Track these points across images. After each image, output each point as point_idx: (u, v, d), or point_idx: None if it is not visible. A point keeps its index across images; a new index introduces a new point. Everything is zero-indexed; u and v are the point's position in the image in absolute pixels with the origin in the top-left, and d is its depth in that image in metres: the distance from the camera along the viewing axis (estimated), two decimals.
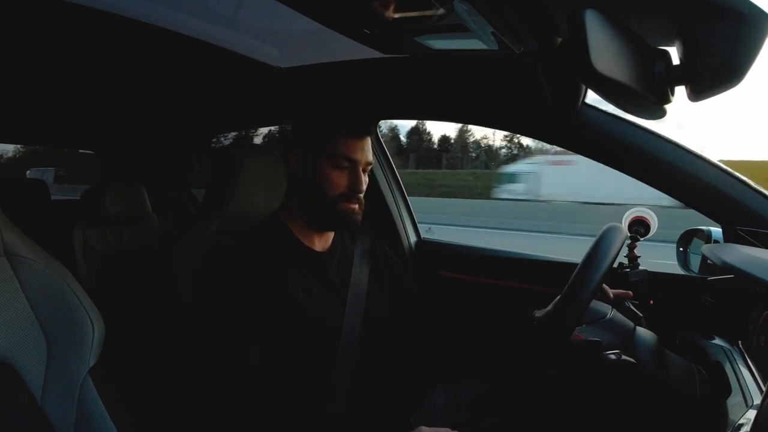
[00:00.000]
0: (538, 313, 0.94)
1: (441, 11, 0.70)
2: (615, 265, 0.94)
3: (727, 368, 0.80)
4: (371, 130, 0.90)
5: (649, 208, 1.11)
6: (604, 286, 0.98)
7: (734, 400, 0.70)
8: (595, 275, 0.79)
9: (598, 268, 0.79)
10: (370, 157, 0.89)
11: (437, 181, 15.58)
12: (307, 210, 0.89)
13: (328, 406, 0.82)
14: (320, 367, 0.83)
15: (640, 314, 1.01)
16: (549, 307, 0.93)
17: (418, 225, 1.68)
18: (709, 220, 1.00)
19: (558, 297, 0.88)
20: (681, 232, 1.17)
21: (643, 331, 0.90)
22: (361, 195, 0.87)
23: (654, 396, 0.80)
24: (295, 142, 0.90)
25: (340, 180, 0.85)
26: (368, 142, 0.88)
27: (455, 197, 13.00)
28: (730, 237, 0.96)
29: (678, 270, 1.15)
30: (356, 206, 0.87)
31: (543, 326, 0.89)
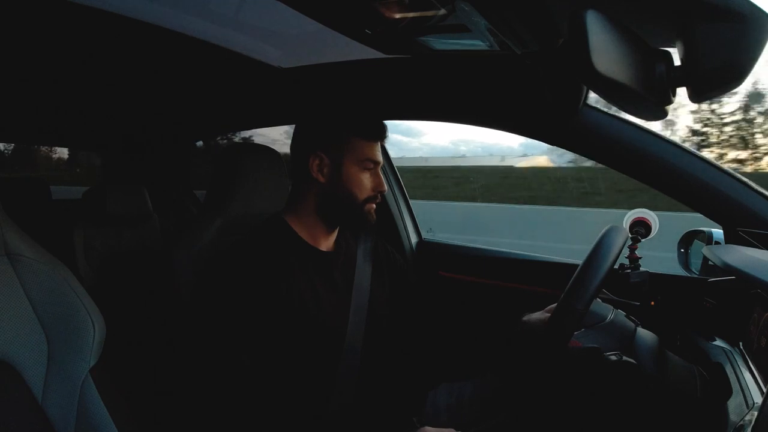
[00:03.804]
0: (527, 318, 0.93)
1: (442, 12, 0.70)
2: (616, 266, 0.94)
3: (728, 369, 0.79)
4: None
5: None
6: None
7: (735, 402, 0.70)
8: (594, 278, 0.79)
9: (597, 271, 0.79)
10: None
11: None
12: (327, 211, 0.90)
13: (331, 406, 0.82)
14: (324, 367, 0.83)
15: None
16: (539, 314, 0.92)
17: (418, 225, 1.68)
18: (710, 221, 1.00)
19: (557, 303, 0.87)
20: None
21: (643, 333, 0.90)
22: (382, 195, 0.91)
23: (654, 397, 0.79)
24: (313, 144, 0.88)
25: (367, 182, 0.88)
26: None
27: None
28: (731, 238, 0.96)
29: (679, 271, 1.15)
30: (374, 206, 0.91)
31: (542, 333, 0.88)
